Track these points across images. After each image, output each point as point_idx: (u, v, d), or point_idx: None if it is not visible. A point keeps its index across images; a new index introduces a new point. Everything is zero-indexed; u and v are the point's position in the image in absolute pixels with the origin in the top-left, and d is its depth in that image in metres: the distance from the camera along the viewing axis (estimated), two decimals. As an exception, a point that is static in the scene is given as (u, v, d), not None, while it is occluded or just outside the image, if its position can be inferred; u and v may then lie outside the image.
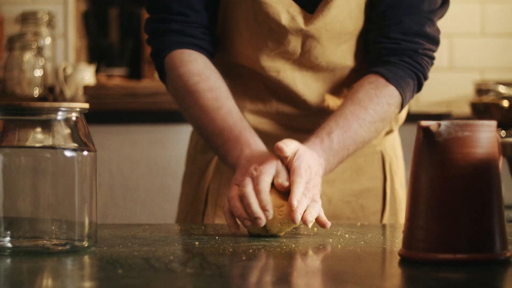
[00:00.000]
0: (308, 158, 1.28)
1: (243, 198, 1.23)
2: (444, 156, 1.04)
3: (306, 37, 1.45)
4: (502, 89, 2.82)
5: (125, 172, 2.76)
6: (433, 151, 1.05)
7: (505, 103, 2.57)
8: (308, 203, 1.24)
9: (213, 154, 1.56)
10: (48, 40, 3.13)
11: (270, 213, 1.22)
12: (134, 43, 3.63)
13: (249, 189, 1.23)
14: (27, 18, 3.12)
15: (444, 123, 1.06)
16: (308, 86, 1.50)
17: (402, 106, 1.45)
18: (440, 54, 3.27)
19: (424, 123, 1.07)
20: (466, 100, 3.10)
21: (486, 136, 1.04)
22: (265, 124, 1.54)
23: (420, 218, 1.03)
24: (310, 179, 1.27)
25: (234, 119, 1.37)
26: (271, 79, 1.49)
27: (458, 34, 3.31)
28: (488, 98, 2.77)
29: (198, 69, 1.42)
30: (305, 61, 1.48)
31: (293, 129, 1.54)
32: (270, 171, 1.26)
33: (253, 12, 1.44)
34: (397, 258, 1.04)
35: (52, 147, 1.15)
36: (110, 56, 3.56)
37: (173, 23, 1.46)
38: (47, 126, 1.15)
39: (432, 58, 1.49)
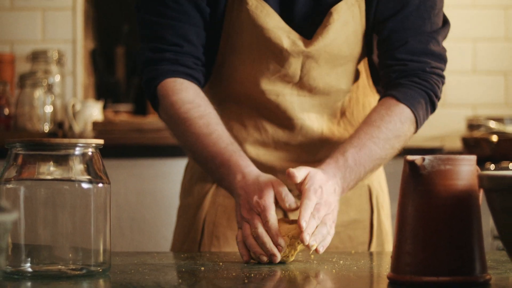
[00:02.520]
0: (319, 179, 1.32)
1: (257, 239, 1.28)
2: (428, 188, 1.11)
3: (306, 58, 1.50)
4: (492, 124, 2.85)
5: (132, 204, 2.77)
6: (418, 183, 1.12)
7: (494, 138, 2.60)
8: (317, 223, 1.28)
9: (209, 187, 1.61)
10: (57, 78, 3.15)
11: (284, 247, 1.27)
12: (139, 80, 3.63)
13: (261, 230, 1.28)
14: (37, 56, 3.14)
15: (428, 157, 1.13)
16: (305, 111, 1.54)
17: (417, 125, 1.48)
18: None
19: (410, 157, 1.15)
20: (459, 135, 3.11)
21: (466, 169, 1.12)
22: (264, 155, 1.58)
23: (406, 244, 1.10)
24: (321, 199, 1.31)
25: (225, 144, 1.40)
26: (270, 102, 1.53)
27: (451, 71, 3.26)
28: (478, 133, 2.80)
29: (189, 97, 1.45)
30: (303, 85, 1.53)
31: (291, 160, 1.58)
32: (271, 202, 1.30)
33: (256, 38, 1.49)
34: (386, 281, 1.11)
35: (69, 180, 1.22)
36: (117, 93, 3.59)
37: (167, 52, 1.48)
38: (65, 160, 1.22)
39: (442, 76, 1.51)
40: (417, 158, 1.12)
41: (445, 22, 1.53)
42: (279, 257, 1.27)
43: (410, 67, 1.47)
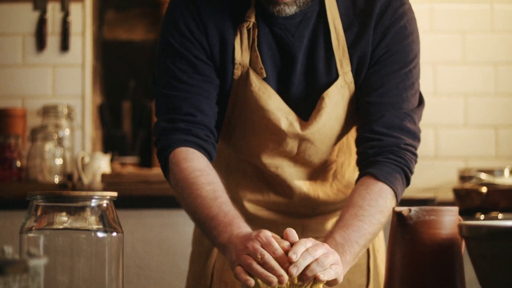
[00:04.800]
0: (312, 240, 1.33)
1: (265, 264, 1.28)
2: (414, 236, 1.21)
3: (302, 140, 1.59)
4: (483, 176, 2.90)
5: (139, 253, 2.81)
6: (405, 231, 1.22)
7: (484, 189, 2.66)
8: (311, 259, 1.28)
9: None
10: (67, 131, 3.19)
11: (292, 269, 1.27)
12: (145, 133, 3.70)
13: (268, 256, 1.28)
14: (48, 111, 3.19)
15: (414, 208, 1.24)
16: (301, 179, 1.65)
17: (397, 199, 1.53)
18: (426, 144, 3.32)
19: (397, 208, 1.25)
20: (451, 186, 3.13)
21: (449, 219, 1.22)
22: (262, 211, 1.68)
23: (395, 287, 1.20)
24: (324, 246, 1.32)
25: (228, 208, 1.44)
26: (270, 173, 1.63)
27: (443, 125, 3.38)
28: (469, 185, 2.86)
29: (200, 166, 1.51)
30: (300, 159, 1.63)
31: (288, 214, 1.68)
32: (269, 233, 1.34)
33: (258, 117, 1.58)
34: (377, 321, 1.22)
35: (86, 230, 1.30)
36: (123, 146, 3.63)
37: (181, 122, 1.55)
38: (82, 211, 1.31)
39: (415, 154, 1.57)
40: (404, 209, 1.23)
41: (421, 103, 1.61)
42: (286, 277, 1.27)
43: (386, 142, 1.53)
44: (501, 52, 3.42)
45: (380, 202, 1.48)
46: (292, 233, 1.34)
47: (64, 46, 3.35)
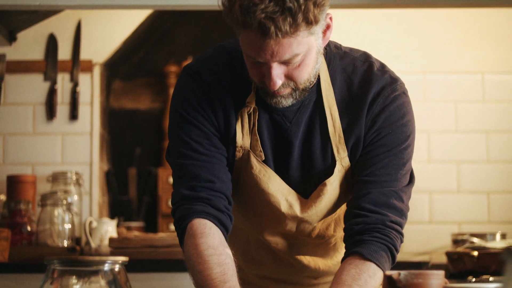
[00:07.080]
0: None
1: None
2: None
3: (301, 221, 1.67)
4: (475, 240, 2.96)
5: None
6: None
7: (475, 253, 2.72)
8: None
9: None
10: (75, 197, 3.28)
11: None
12: (150, 199, 3.78)
13: None
14: (57, 177, 3.29)
15: (403, 272, 1.33)
16: (302, 254, 1.72)
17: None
18: (421, 209, 3.41)
19: (387, 272, 1.34)
20: (445, 249, 3.16)
21: (435, 282, 1.31)
22: (263, 280, 1.75)
23: None
24: None
25: None
26: (271, 247, 1.71)
27: (437, 191, 3.45)
28: (461, 248, 2.91)
29: (214, 243, 1.55)
30: (299, 235, 1.70)
31: (290, 284, 1.75)
32: None
33: (259, 198, 1.65)
34: None
35: None
36: (129, 211, 3.70)
37: (202, 190, 1.58)
38: (96, 274, 1.42)
39: (401, 233, 1.61)
40: (393, 273, 1.33)
41: (410, 182, 1.66)
42: None
43: (371, 219, 1.58)
44: (493, 120, 3.51)
45: (369, 281, 1.53)
46: None
47: (73, 115, 3.46)
